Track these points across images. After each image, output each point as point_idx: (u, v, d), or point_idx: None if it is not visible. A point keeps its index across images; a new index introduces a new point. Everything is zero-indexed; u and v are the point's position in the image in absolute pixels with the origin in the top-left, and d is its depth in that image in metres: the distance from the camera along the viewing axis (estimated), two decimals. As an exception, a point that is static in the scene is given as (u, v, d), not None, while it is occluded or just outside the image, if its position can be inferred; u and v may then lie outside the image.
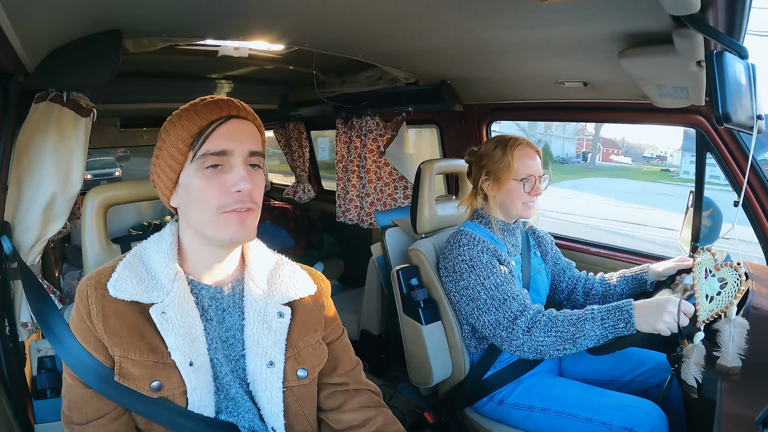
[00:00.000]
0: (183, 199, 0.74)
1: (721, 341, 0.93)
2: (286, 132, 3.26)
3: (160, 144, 0.74)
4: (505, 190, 1.35)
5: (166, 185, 0.75)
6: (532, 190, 1.33)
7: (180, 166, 0.72)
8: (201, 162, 0.70)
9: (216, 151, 0.70)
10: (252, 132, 0.74)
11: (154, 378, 0.71)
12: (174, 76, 2.22)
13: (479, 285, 1.25)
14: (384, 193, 2.45)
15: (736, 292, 0.99)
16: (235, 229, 0.72)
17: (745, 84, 0.86)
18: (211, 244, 0.76)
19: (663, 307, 1.03)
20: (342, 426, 0.86)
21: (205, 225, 0.73)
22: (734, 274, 1.01)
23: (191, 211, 0.74)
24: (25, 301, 1.13)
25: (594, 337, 1.11)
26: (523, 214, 1.36)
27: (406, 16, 1.11)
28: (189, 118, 0.71)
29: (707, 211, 1.47)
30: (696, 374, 0.94)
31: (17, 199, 1.11)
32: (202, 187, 0.70)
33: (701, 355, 0.95)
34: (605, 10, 0.90)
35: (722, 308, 0.98)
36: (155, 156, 0.75)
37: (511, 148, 1.33)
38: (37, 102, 1.13)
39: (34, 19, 0.91)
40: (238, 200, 0.71)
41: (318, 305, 0.87)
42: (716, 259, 1.03)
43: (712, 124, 1.38)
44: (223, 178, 0.71)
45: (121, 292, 0.71)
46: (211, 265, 0.78)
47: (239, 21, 1.22)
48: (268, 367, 0.77)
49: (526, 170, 1.32)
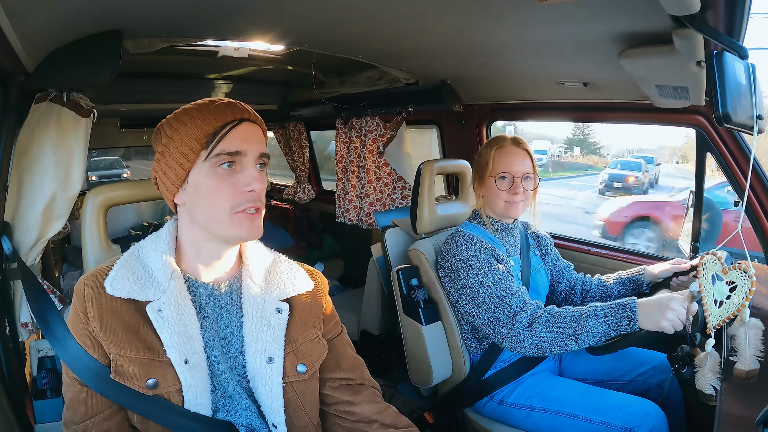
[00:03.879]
0: (191, 196, 0.75)
1: (737, 345, 0.91)
2: (286, 132, 3.26)
3: (166, 141, 0.74)
4: (486, 188, 1.37)
5: (173, 182, 0.75)
6: (510, 188, 1.33)
7: (191, 164, 0.73)
8: (215, 161, 0.72)
9: (231, 152, 0.72)
10: (260, 135, 0.77)
11: (150, 376, 0.71)
12: (174, 77, 2.22)
13: (477, 283, 1.25)
14: (383, 194, 2.45)
15: (747, 293, 0.95)
16: (246, 228, 0.74)
17: (745, 84, 0.86)
18: (216, 241, 0.77)
19: (667, 305, 1.03)
20: (355, 418, 0.87)
21: (216, 223, 0.74)
22: (743, 276, 0.97)
23: (200, 209, 0.75)
24: (25, 301, 1.13)
25: (596, 334, 1.10)
26: (507, 212, 1.35)
27: (406, 16, 1.11)
28: (203, 118, 0.72)
29: (707, 212, 1.47)
30: (713, 382, 0.92)
31: (17, 200, 1.11)
32: (215, 186, 0.72)
33: (716, 362, 0.92)
34: (605, 10, 0.90)
35: (733, 312, 0.95)
36: (160, 153, 0.76)
37: (493, 147, 1.35)
38: (37, 102, 1.13)
39: (34, 19, 0.91)
40: (250, 200, 0.73)
41: (316, 302, 0.87)
42: (722, 262, 1.00)
43: (712, 125, 1.38)
44: (235, 178, 0.73)
45: (117, 290, 0.72)
46: (209, 263, 0.79)
47: (239, 21, 1.22)
48: (267, 363, 0.78)
49: (505, 168, 1.33)
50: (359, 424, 0.86)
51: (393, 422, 0.86)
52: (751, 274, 0.96)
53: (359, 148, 2.48)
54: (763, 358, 0.90)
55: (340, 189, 2.65)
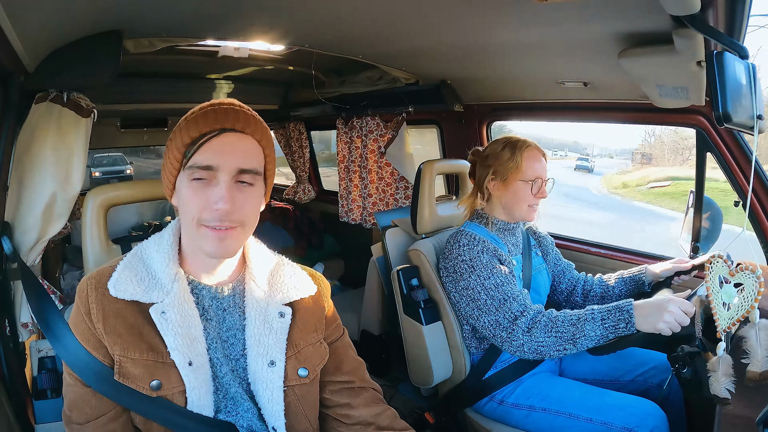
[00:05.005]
0: (177, 201, 0.76)
1: (749, 347, 0.90)
2: (286, 132, 3.26)
3: (167, 143, 0.76)
4: (511, 191, 1.34)
5: (166, 185, 0.77)
6: (539, 192, 1.33)
7: (177, 171, 0.73)
8: (189, 173, 0.71)
9: (202, 165, 0.69)
10: (246, 147, 0.72)
11: (154, 377, 0.71)
12: (174, 77, 2.22)
13: (479, 285, 1.25)
14: (386, 193, 2.45)
15: (756, 294, 0.93)
16: (211, 244, 0.71)
17: (745, 84, 0.86)
18: None
19: (664, 307, 1.03)
20: (352, 421, 0.87)
21: (187, 233, 0.75)
22: (751, 277, 0.95)
23: (182, 217, 0.75)
24: (25, 301, 1.13)
25: (594, 337, 1.11)
26: (527, 217, 1.36)
27: (406, 16, 1.11)
28: (187, 127, 0.71)
29: (707, 212, 1.46)
30: (728, 386, 0.90)
31: (17, 200, 1.11)
32: (188, 197, 0.71)
33: (728, 365, 0.90)
34: (605, 10, 0.90)
35: (743, 314, 0.94)
36: (164, 154, 0.77)
37: (521, 150, 1.33)
38: (37, 102, 1.13)
39: (34, 19, 0.91)
40: (216, 218, 0.70)
41: (318, 306, 0.87)
42: (729, 264, 0.99)
43: (713, 124, 1.38)
44: (208, 192, 0.70)
45: (121, 292, 0.72)
46: (210, 266, 0.79)
47: (239, 21, 1.22)
48: (269, 367, 0.78)
49: (534, 172, 1.32)
50: (356, 426, 0.86)
51: (390, 425, 0.86)
52: (758, 275, 0.95)
53: (360, 147, 2.48)
54: None
55: (342, 189, 2.65)
